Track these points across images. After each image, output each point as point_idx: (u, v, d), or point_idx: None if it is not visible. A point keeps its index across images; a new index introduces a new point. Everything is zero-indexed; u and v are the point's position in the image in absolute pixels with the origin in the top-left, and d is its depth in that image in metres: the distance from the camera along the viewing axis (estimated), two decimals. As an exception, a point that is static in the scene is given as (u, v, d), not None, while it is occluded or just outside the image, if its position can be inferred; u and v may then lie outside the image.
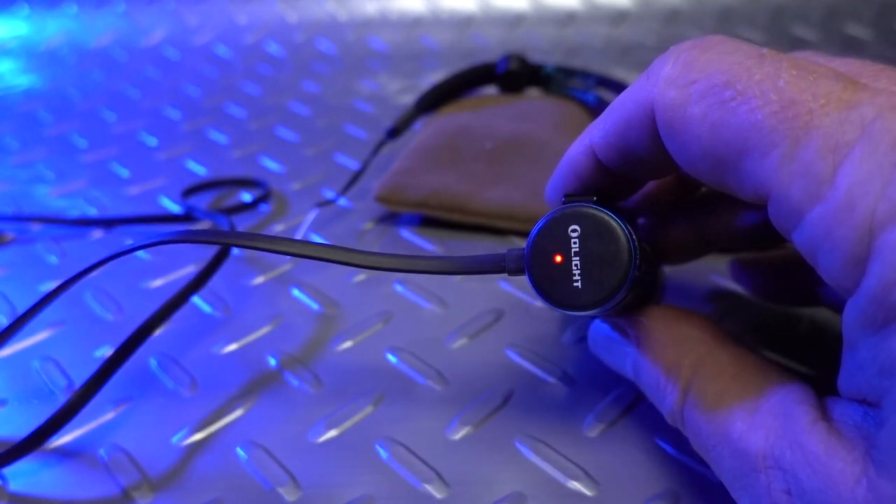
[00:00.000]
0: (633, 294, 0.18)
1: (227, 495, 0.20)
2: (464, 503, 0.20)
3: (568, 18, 0.63)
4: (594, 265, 0.17)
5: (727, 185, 0.16)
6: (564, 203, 0.18)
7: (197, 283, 0.27)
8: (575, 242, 0.17)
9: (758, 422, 0.16)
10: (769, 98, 0.14)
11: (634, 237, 0.17)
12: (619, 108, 0.17)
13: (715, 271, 0.30)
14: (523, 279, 0.23)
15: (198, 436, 0.23)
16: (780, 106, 0.14)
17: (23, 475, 0.21)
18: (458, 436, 0.22)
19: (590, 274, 0.17)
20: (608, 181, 0.19)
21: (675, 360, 0.18)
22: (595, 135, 0.19)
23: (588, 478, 0.21)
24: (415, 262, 0.19)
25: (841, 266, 0.13)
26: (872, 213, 0.13)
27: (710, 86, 0.15)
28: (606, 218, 0.17)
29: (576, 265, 0.17)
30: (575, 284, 0.17)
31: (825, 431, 0.14)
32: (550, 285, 0.17)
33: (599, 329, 0.21)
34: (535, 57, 0.46)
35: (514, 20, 0.63)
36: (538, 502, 0.20)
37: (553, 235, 0.17)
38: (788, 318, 0.27)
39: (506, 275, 0.19)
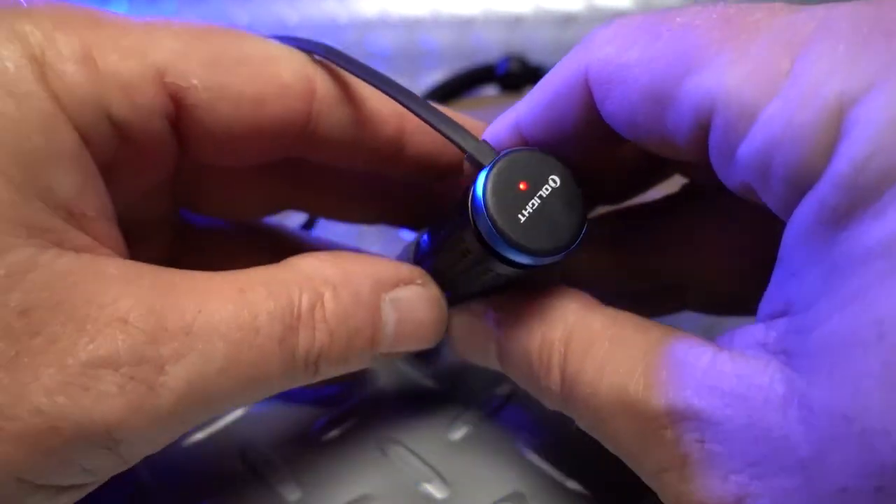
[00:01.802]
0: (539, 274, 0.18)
1: (227, 494, 0.20)
2: (464, 503, 0.20)
3: (568, 19, 0.63)
4: (545, 221, 0.16)
5: (667, 126, 0.14)
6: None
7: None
8: (547, 189, 0.16)
9: (652, 380, 0.14)
10: (709, 17, 0.13)
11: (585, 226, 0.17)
12: (550, 80, 0.16)
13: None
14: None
15: (198, 435, 0.23)
16: (722, 20, 0.13)
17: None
18: (458, 436, 0.22)
19: (537, 223, 0.16)
20: None
21: (544, 338, 0.16)
22: (522, 110, 0.17)
23: (588, 477, 0.21)
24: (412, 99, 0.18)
25: (803, 159, 0.12)
26: (840, 94, 0.11)
27: (644, 29, 0.14)
28: (580, 194, 0.16)
29: (533, 205, 0.16)
30: (520, 217, 0.16)
31: (729, 363, 0.13)
32: (497, 200, 0.16)
33: (457, 323, 0.20)
34: (536, 58, 0.45)
35: (514, 21, 0.63)
36: (538, 502, 0.20)
37: (535, 167, 0.16)
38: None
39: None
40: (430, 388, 0.24)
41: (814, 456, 0.12)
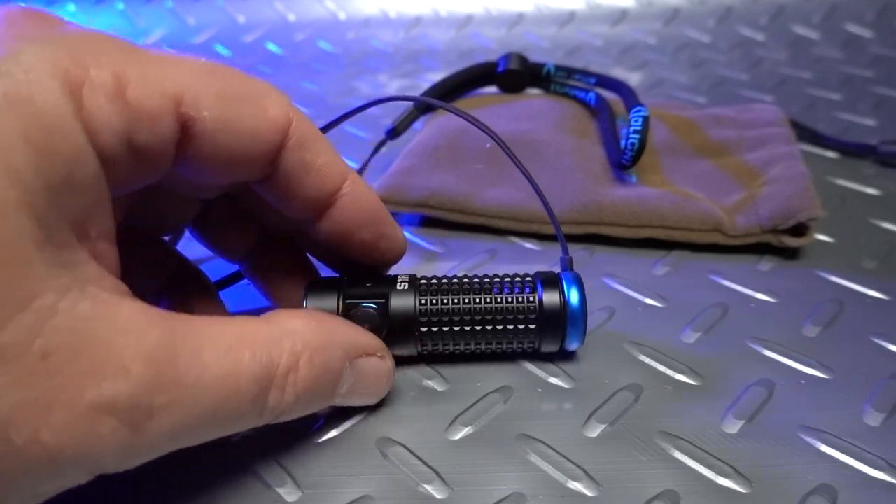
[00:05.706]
0: None
1: (227, 495, 0.20)
2: (464, 503, 0.20)
3: (568, 18, 0.63)
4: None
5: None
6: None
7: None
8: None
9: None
10: None
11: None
12: None
13: (715, 272, 0.30)
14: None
15: (197, 436, 0.23)
16: None
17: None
18: (458, 436, 0.22)
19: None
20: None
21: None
22: None
23: (588, 478, 0.21)
24: None
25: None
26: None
27: None
28: None
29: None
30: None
31: None
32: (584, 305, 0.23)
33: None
34: (535, 56, 0.45)
35: (514, 20, 0.63)
36: (538, 502, 0.20)
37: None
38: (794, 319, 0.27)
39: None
40: (431, 389, 0.24)
41: None
